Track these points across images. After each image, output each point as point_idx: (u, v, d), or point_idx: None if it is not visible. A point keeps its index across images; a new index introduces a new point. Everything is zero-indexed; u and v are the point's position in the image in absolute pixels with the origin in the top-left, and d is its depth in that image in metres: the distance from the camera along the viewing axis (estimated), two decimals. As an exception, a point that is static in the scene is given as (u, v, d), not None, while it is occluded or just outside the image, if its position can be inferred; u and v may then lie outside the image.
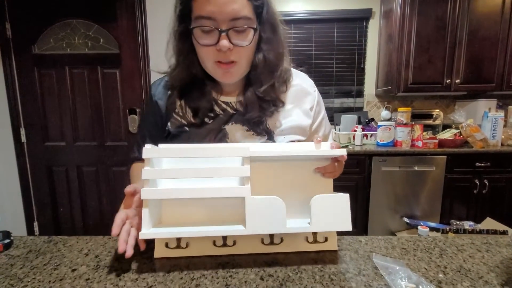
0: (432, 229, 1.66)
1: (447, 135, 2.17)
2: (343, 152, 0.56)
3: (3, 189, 2.20)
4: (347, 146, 2.12)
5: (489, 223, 1.71)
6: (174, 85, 0.67)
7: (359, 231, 2.12)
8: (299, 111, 0.69)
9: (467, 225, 1.75)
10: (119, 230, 0.50)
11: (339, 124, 2.39)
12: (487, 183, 2.01)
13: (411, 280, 0.45)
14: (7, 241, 0.60)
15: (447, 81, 2.18)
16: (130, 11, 2.13)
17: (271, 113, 0.66)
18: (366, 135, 2.24)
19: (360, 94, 2.58)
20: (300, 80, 0.72)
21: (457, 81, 2.18)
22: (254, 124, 0.66)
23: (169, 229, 0.52)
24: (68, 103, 2.23)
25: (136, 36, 2.15)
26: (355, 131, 2.20)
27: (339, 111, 2.56)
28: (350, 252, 0.57)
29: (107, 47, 2.18)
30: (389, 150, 2.02)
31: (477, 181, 2.01)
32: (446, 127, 2.34)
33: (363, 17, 2.45)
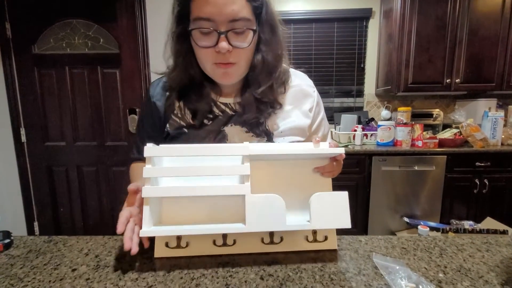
0: (432, 228, 1.66)
1: (447, 134, 2.17)
2: (341, 151, 0.56)
3: (3, 189, 2.20)
4: (347, 146, 2.12)
5: (489, 222, 1.71)
6: (173, 86, 0.67)
7: (359, 231, 2.12)
8: (299, 112, 0.69)
9: (467, 224, 1.75)
10: (124, 228, 0.50)
11: (339, 124, 2.39)
12: (487, 183, 2.01)
13: (411, 279, 0.45)
14: (7, 241, 0.60)
15: (447, 80, 2.18)
16: (130, 11, 2.13)
17: (268, 114, 0.65)
18: (366, 134, 2.24)
19: (360, 93, 2.58)
20: (299, 80, 0.72)
21: (457, 80, 2.18)
22: (253, 125, 0.65)
23: (170, 227, 0.52)
24: (68, 103, 2.23)
25: (136, 36, 2.15)
26: (355, 130, 2.20)
27: (339, 110, 2.56)
28: (350, 251, 0.57)
29: (107, 47, 2.18)
30: (389, 150, 2.02)
31: (477, 180, 2.01)
32: (446, 126, 2.34)
33: (363, 17, 2.45)
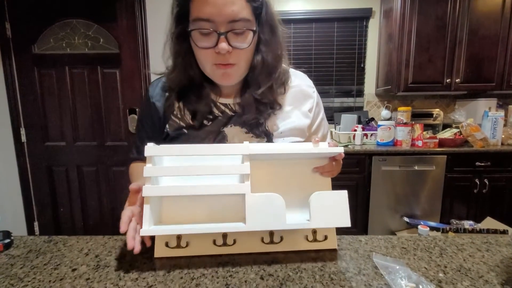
0: (432, 228, 1.66)
1: (447, 134, 2.17)
2: (340, 150, 0.56)
3: (3, 189, 2.20)
4: (347, 146, 2.12)
5: (489, 222, 1.71)
6: (172, 87, 0.66)
7: (359, 231, 2.12)
8: (298, 112, 0.69)
9: (467, 224, 1.75)
10: (127, 227, 0.50)
11: (339, 124, 2.39)
12: (487, 183, 2.01)
13: (411, 279, 0.45)
14: (7, 241, 0.60)
15: (447, 80, 2.18)
16: (130, 11, 2.13)
17: (268, 115, 0.65)
18: (366, 134, 2.24)
19: (360, 93, 2.58)
20: (299, 80, 0.71)
21: (457, 80, 2.17)
22: (253, 126, 0.65)
23: (170, 226, 0.52)
24: (68, 103, 2.23)
25: (136, 36, 2.15)
26: (355, 130, 2.20)
27: (339, 110, 2.56)
28: (350, 251, 0.57)
29: (107, 47, 2.18)
30: (389, 150, 2.02)
31: (477, 180, 2.01)
32: (446, 126, 2.34)
33: (363, 17, 2.45)
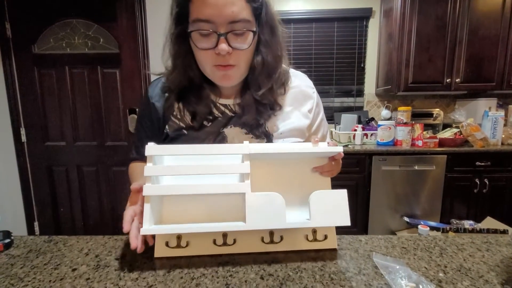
0: (432, 228, 1.66)
1: (447, 134, 2.17)
2: (339, 149, 0.56)
3: (3, 189, 2.20)
4: (347, 146, 2.12)
5: (489, 222, 1.71)
6: (172, 88, 0.66)
7: (359, 230, 2.12)
8: (298, 113, 0.69)
9: (467, 224, 1.75)
10: (129, 226, 0.50)
11: (339, 124, 2.39)
12: (487, 182, 2.01)
13: (411, 279, 0.45)
14: (7, 240, 0.60)
15: (447, 80, 2.18)
16: (130, 11, 2.13)
17: (268, 116, 0.65)
18: (366, 134, 2.24)
19: (360, 93, 2.58)
20: (299, 81, 0.71)
21: (457, 80, 2.17)
22: (253, 127, 0.65)
23: (170, 225, 0.52)
24: (68, 103, 2.23)
25: (136, 36, 2.15)
26: (355, 130, 2.20)
27: (339, 110, 2.56)
28: (350, 251, 0.57)
29: (107, 47, 2.18)
30: (389, 150, 2.02)
31: (477, 180, 2.01)
32: (446, 126, 2.34)
33: (363, 16, 2.45)
